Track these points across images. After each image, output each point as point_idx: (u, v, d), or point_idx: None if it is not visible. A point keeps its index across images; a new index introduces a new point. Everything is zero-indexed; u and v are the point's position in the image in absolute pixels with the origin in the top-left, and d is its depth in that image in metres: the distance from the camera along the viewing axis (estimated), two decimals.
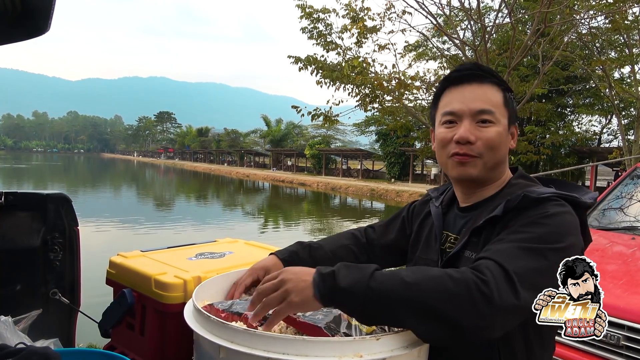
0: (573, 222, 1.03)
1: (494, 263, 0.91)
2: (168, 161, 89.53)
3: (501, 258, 0.93)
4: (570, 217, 1.03)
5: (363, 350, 0.87)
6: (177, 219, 17.42)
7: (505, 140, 1.15)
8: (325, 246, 1.35)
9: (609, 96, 12.46)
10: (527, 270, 0.92)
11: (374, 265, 0.94)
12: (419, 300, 0.87)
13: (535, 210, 1.02)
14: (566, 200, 1.05)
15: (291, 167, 50.01)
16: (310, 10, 7.87)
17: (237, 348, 0.88)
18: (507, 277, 0.89)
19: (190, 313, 1.04)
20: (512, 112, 1.17)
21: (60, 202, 2.05)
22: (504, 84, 1.17)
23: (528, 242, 0.96)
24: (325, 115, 8.13)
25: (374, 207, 25.46)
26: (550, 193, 1.05)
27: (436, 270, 0.92)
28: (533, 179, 1.18)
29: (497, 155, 1.14)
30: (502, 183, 1.18)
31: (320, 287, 0.91)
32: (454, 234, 1.19)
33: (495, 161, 1.15)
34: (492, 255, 0.94)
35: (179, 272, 1.58)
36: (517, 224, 1.02)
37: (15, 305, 1.79)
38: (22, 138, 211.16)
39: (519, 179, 1.17)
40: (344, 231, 1.46)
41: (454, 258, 1.12)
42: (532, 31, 7.07)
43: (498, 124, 1.13)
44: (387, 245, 1.39)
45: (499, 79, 1.17)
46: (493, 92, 1.14)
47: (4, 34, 1.55)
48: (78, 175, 49.26)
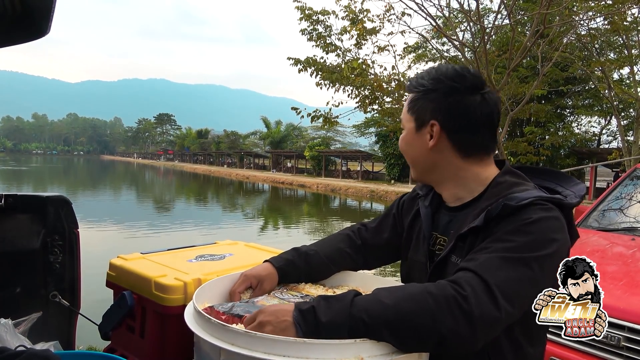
0: (558, 225, 1.00)
1: (474, 275, 0.92)
2: (168, 163, 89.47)
3: (482, 270, 0.93)
4: (555, 221, 1.00)
5: (364, 352, 0.87)
6: (177, 221, 17.39)
7: (412, 142, 1.17)
8: (321, 251, 1.35)
9: (608, 97, 12.47)
10: (509, 281, 0.92)
11: (352, 292, 0.95)
12: (400, 320, 0.88)
13: (518, 217, 1.00)
14: (551, 202, 1.03)
15: (291, 168, 50.00)
16: (309, 12, 7.88)
17: (237, 350, 0.88)
18: (487, 290, 0.90)
19: (191, 315, 1.04)
20: (420, 112, 1.14)
21: (60, 204, 2.04)
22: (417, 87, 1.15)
23: (511, 252, 0.95)
24: (325, 117, 8.14)
25: (373, 208, 25.45)
26: (533, 197, 1.02)
27: (415, 288, 0.94)
28: (519, 175, 1.14)
29: (408, 158, 1.20)
30: (484, 181, 1.14)
31: (302, 325, 0.90)
32: (442, 236, 1.19)
33: (412, 163, 1.20)
34: (473, 266, 0.94)
35: (179, 274, 1.58)
36: (500, 231, 1.00)
37: (15, 308, 1.78)
38: (21, 140, 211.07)
39: (505, 176, 1.12)
40: (339, 232, 1.45)
41: (442, 262, 1.11)
42: (532, 32, 7.08)
43: (404, 129, 1.19)
44: (381, 244, 1.38)
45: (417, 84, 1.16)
46: (407, 100, 1.19)
47: (3, 36, 1.55)
48: (78, 177, 49.23)
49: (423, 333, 0.88)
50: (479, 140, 1.13)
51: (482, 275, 0.91)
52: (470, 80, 1.12)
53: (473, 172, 1.14)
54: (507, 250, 0.96)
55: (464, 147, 1.13)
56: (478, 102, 1.11)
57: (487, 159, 1.16)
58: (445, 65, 1.18)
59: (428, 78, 1.14)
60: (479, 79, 1.14)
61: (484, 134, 1.13)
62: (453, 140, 1.12)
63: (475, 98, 1.11)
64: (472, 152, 1.13)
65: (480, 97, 1.11)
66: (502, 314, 0.89)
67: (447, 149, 1.13)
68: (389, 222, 1.39)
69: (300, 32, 8.13)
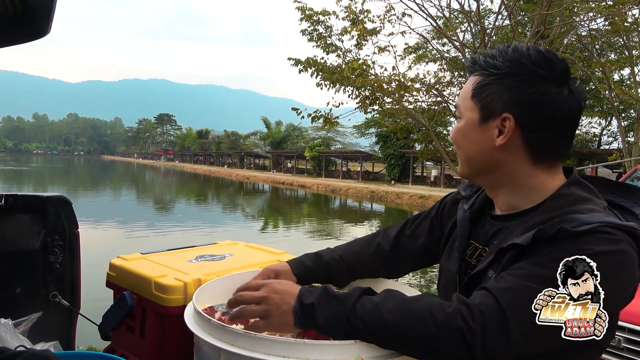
0: (623, 261, 0.82)
1: (495, 303, 0.81)
2: (168, 163, 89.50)
3: (506, 299, 0.81)
4: (621, 256, 0.81)
5: (364, 353, 0.87)
6: (177, 221, 17.40)
7: (473, 137, 0.98)
8: (344, 262, 1.24)
9: (609, 98, 12.46)
10: (532, 316, 0.79)
11: (357, 293, 0.90)
12: (395, 341, 0.86)
13: (574, 245, 0.81)
14: (622, 231, 0.83)
15: (291, 169, 50.00)
16: (310, 12, 7.88)
17: (237, 351, 0.88)
18: (503, 324, 0.80)
19: (191, 316, 1.04)
20: (489, 101, 0.94)
21: (60, 204, 2.04)
22: (488, 67, 0.95)
23: (546, 285, 0.80)
24: (325, 117, 8.13)
25: (374, 209, 25.45)
26: (599, 223, 0.82)
27: (421, 307, 0.85)
28: (589, 188, 0.94)
29: (462, 152, 1.01)
30: (544, 192, 0.95)
31: (299, 317, 0.91)
32: (481, 245, 1.03)
33: (467, 160, 1.01)
34: (498, 292, 0.82)
35: (179, 274, 1.58)
36: (547, 255, 0.83)
37: (15, 308, 1.78)
38: (22, 140, 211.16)
39: (572, 188, 0.94)
40: (367, 238, 1.32)
41: (477, 276, 0.95)
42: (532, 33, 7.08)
43: (461, 118, 1.00)
44: (417, 250, 1.24)
45: (484, 63, 0.96)
46: (469, 82, 0.99)
47: (4, 36, 1.55)
48: (78, 177, 49.24)
49: (417, 356, 0.86)
50: (558, 142, 0.94)
51: (504, 306, 0.80)
52: (559, 67, 0.92)
53: (539, 180, 0.96)
54: (541, 280, 0.81)
55: (539, 149, 0.94)
56: (565, 95, 0.91)
57: (558, 165, 0.98)
58: (526, 46, 0.96)
59: (504, 59, 0.93)
60: (567, 66, 0.93)
61: (565, 135, 0.94)
62: (528, 141, 0.93)
63: (563, 90, 0.91)
64: (547, 157, 0.95)
65: (567, 90, 0.92)
66: (512, 349, 0.80)
67: (518, 149, 0.94)
68: (426, 226, 1.24)
69: (301, 32, 8.14)
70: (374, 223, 19.49)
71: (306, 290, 0.94)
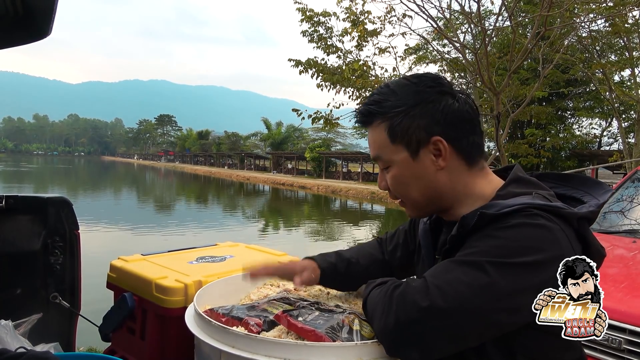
0: (544, 235, 0.83)
1: (422, 280, 0.87)
2: (168, 164, 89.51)
3: (430, 273, 0.88)
4: (541, 230, 0.84)
5: (364, 355, 0.87)
6: (178, 222, 17.39)
7: (414, 173, 0.98)
8: (362, 261, 1.27)
9: (609, 99, 12.46)
10: (452, 282, 0.83)
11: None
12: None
13: (492, 225, 0.87)
14: (547, 212, 0.87)
15: (291, 170, 49.99)
16: (310, 13, 7.88)
17: (238, 353, 0.88)
18: (423, 284, 0.85)
19: (192, 317, 1.04)
20: (410, 135, 0.96)
21: (60, 205, 2.04)
22: (389, 110, 0.97)
23: (467, 256, 0.85)
24: (326, 119, 8.13)
25: (374, 210, 25.44)
26: (519, 204, 0.87)
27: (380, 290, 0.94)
28: (530, 182, 0.99)
29: (412, 194, 1.01)
30: (485, 196, 0.99)
31: None
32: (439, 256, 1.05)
33: (418, 200, 1.01)
34: (426, 273, 0.89)
35: (179, 276, 1.58)
36: (469, 242, 0.89)
37: (15, 309, 1.78)
38: (22, 141, 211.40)
39: (508, 187, 0.97)
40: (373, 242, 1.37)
41: None
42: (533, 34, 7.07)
43: (393, 164, 1.00)
44: (396, 265, 1.28)
45: (383, 108, 0.98)
46: (378, 132, 1.00)
47: (5, 37, 1.56)
48: (79, 178, 49.26)
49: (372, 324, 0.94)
50: (479, 139, 1.00)
51: (427, 277, 0.87)
52: (446, 81, 1.01)
53: (479, 186, 1.01)
54: (464, 255, 0.87)
55: (469, 153, 0.99)
56: (462, 100, 0.99)
57: (486, 168, 1.03)
58: (401, 77, 1.04)
59: (398, 96, 0.98)
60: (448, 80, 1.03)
61: (479, 132, 1.01)
62: (460, 150, 0.98)
63: (457, 98, 0.98)
64: (476, 157, 1.00)
65: (458, 99, 0.99)
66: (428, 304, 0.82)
67: (455, 163, 0.98)
68: (401, 240, 1.28)
69: (301, 33, 8.14)
70: (374, 224, 19.49)
71: None
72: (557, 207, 0.88)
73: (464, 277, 0.82)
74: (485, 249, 0.84)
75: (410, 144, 0.97)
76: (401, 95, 0.97)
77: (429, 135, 0.96)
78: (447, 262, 0.88)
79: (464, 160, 0.98)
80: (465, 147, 0.98)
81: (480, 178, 1.01)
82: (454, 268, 0.85)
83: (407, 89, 0.98)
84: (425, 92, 0.96)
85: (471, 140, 0.98)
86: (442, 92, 0.97)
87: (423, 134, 0.96)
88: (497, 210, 0.87)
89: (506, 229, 0.84)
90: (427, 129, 0.96)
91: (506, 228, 0.84)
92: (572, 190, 1.02)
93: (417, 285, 0.86)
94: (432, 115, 0.96)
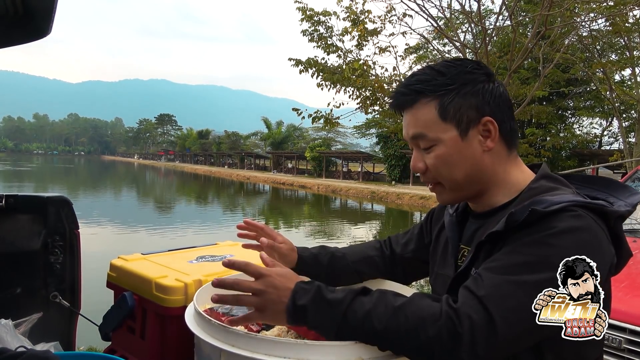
0: (589, 240, 0.84)
1: (478, 305, 0.81)
2: (168, 164, 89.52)
3: (488, 298, 0.82)
4: (588, 234, 0.84)
5: (364, 354, 0.87)
6: (178, 221, 17.40)
7: (461, 153, 0.97)
8: (349, 256, 1.29)
9: (610, 99, 12.47)
10: (517, 310, 0.81)
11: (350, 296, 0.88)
12: (389, 346, 0.87)
13: (541, 226, 0.85)
14: (590, 210, 0.87)
15: (292, 169, 50.00)
16: (310, 13, 7.88)
17: (238, 352, 0.88)
18: (489, 326, 0.80)
19: (192, 316, 1.04)
20: (461, 114, 0.96)
21: (60, 204, 2.04)
22: (440, 88, 0.97)
23: (523, 272, 0.83)
24: (326, 118, 8.14)
25: (374, 209, 25.45)
26: (567, 202, 0.87)
27: (411, 314, 0.84)
28: (559, 179, 0.99)
29: (456, 175, 0.99)
30: (518, 186, 1.00)
31: (292, 318, 0.89)
32: (467, 246, 1.06)
33: (460, 182, 0.99)
34: (479, 291, 0.83)
35: (179, 275, 1.58)
36: (517, 242, 0.86)
37: (15, 309, 1.78)
38: (22, 140, 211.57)
39: (541, 181, 0.98)
40: (371, 240, 1.40)
41: (462, 276, 0.96)
42: (533, 34, 7.07)
43: (439, 143, 0.98)
44: (408, 257, 1.28)
45: (432, 87, 0.97)
46: (424, 109, 0.98)
47: (5, 36, 1.55)
48: (79, 178, 49.28)
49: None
50: (515, 125, 1.03)
51: (488, 306, 0.81)
52: (485, 66, 1.03)
53: (514, 174, 1.01)
54: (518, 267, 0.84)
55: (510, 138, 1.00)
56: (502, 85, 1.03)
57: (519, 159, 1.04)
58: (447, 60, 1.04)
59: (450, 75, 0.97)
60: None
61: (515, 117, 1.04)
62: (504, 133, 0.99)
63: (498, 81, 1.03)
64: (514, 143, 1.01)
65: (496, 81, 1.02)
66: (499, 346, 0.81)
67: (499, 146, 0.99)
68: (417, 233, 1.29)
69: (302, 33, 8.14)
70: (374, 224, 19.50)
71: (300, 288, 0.90)
72: (600, 205, 0.89)
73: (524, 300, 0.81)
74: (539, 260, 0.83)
75: (461, 123, 0.96)
76: (450, 75, 0.97)
77: (480, 115, 0.96)
78: (504, 282, 0.83)
79: (505, 145, 1.00)
80: (508, 132, 0.99)
81: (516, 166, 1.02)
82: (515, 291, 0.82)
83: (455, 70, 0.98)
84: (474, 73, 0.98)
85: (512, 126, 1.00)
86: (488, 74, 1.00)
87: (474, 114, 0.96)
88: (546, 207, 0.86)
89: (557, 235, 0.83)
90: (479, 109, 0.96)
91: (557, 235, 0.83)
92: (596, 192, 1.01)
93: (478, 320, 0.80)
94: (482, 96, 0.97)
